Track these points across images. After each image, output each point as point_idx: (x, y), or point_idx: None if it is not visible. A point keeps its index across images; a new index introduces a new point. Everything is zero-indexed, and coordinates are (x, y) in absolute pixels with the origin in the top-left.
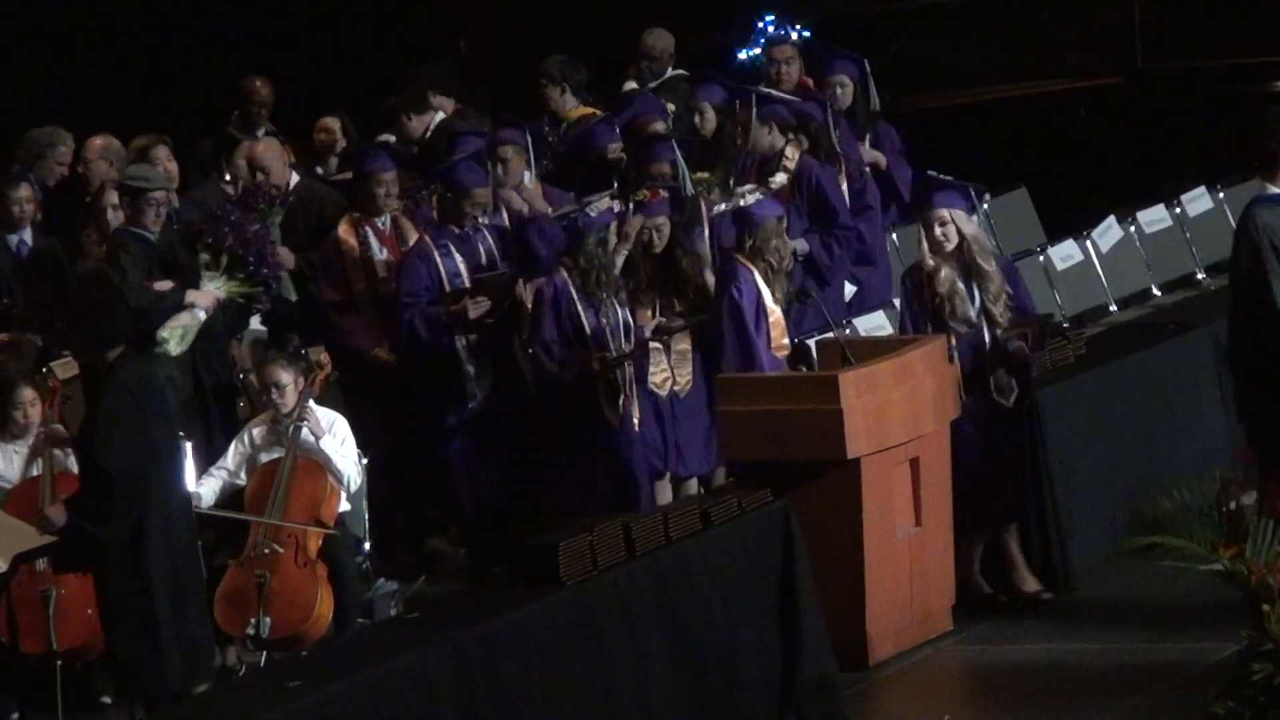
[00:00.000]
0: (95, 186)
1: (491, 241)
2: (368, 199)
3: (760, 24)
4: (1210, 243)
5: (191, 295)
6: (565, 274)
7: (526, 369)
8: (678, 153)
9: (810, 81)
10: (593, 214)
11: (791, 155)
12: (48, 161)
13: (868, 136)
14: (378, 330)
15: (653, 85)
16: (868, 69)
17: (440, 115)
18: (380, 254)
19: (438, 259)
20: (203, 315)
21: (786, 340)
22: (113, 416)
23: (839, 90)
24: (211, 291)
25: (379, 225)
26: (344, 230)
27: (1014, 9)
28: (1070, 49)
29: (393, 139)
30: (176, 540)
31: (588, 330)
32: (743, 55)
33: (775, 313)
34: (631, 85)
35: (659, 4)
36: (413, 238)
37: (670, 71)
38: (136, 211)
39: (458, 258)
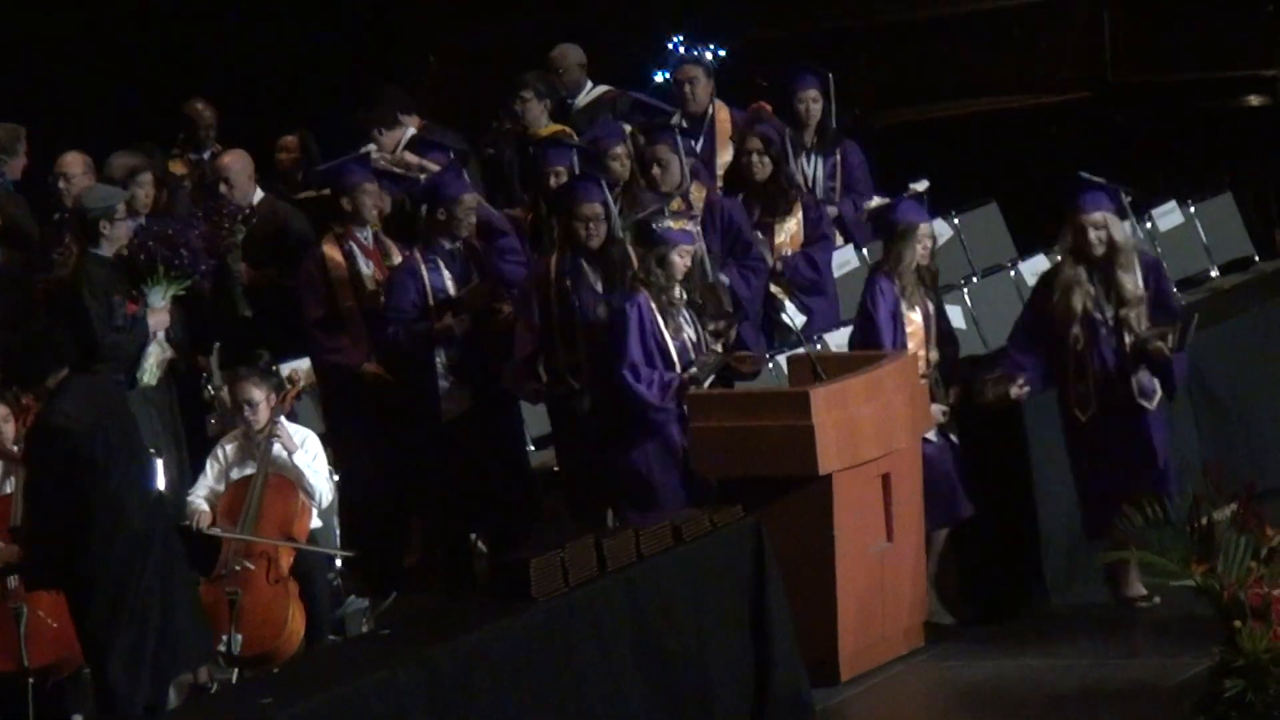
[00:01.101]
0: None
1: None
2: (354, 211)
3: (670, 45)
4: (1181, 257)
5: (150, 322)
6: (645, 293)
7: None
8: (607, 192)
9: (769, 106)
10: (656, 229)
11: (699, 194)
12: (17, 159)
13: (837, 153)
14: (365, 346)
15: (584, 103)
16: (830, 85)
17: (410, 131)
18: (367, 268)
19: (425, 274)
20: (163, 337)
21: (925, 351)
22: (32, 457)
23: (811, 105)
24: (161, 308)
25: (363, 239)
26: (328, 247)
27: (983, 24)
28: (1040, 63)
29: (374, 149)
30: (132, 551)
31: (672, 351)
32: (658, 78)
33: (914, 322)
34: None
35: (625, 20)
36: (394, 252)
37: (592, 86)
38: (96, 235)
39: (446, 274)
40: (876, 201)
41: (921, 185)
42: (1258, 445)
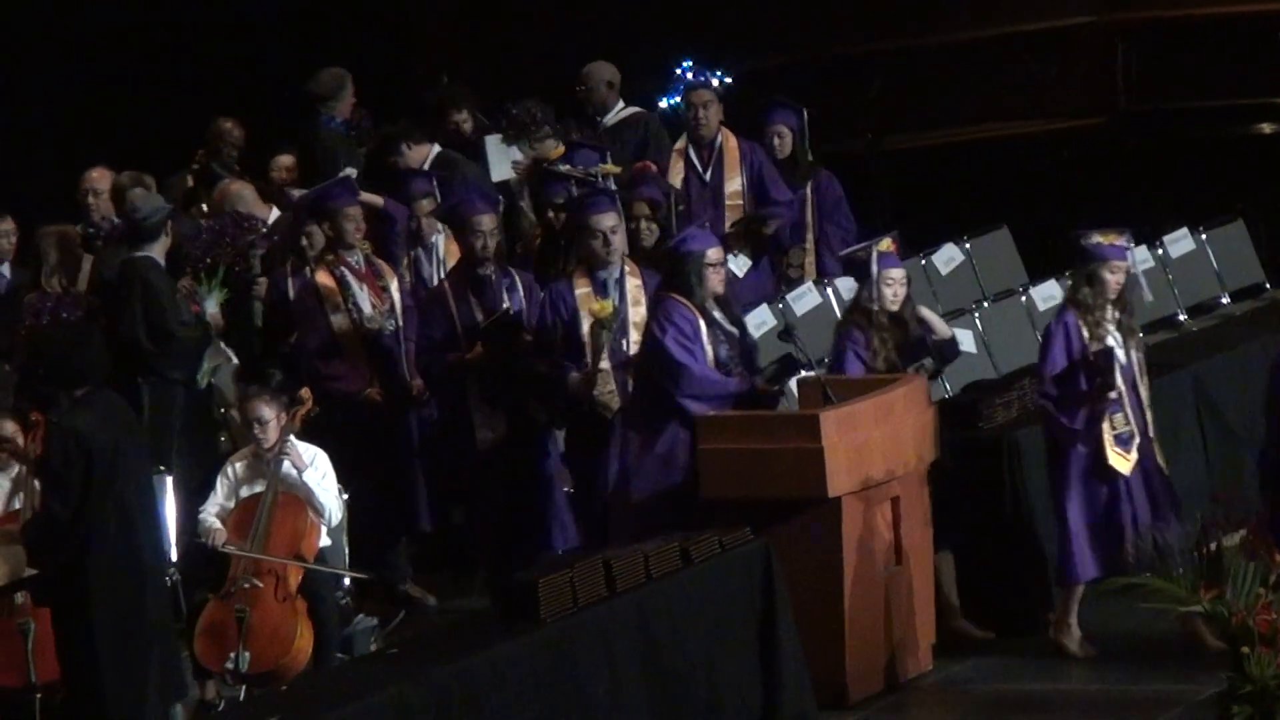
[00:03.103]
0: (102, 213)
1: (521, 290)
2: (336, 235)
3: (679, 71)
4: (1192, 284)
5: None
6: (1073, 311)
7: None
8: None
9: (654, 166)
10: (1086, 245)
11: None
12: (343, 101)
13: (808, 186)
14: (365, 371)
15: (611, 123)
16: (805, 119)
17: (437, 149)
18: (361, 292)
19: (452, 303)
20: (219, 341)
21: None
22: (50, 463)
23: (776, 140)
24: (215, 312)
25: (354, 264)
26: (321, 274)
27: (996, 50)
28: (1053, 89)
29: (354, 173)
30: (142, 574)
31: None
32: (663, 103)
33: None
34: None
35: (634, 45)
36: (388, 273)
37: (622, 106)
38: (147, 239)
39: (474, 302)
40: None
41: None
42: None
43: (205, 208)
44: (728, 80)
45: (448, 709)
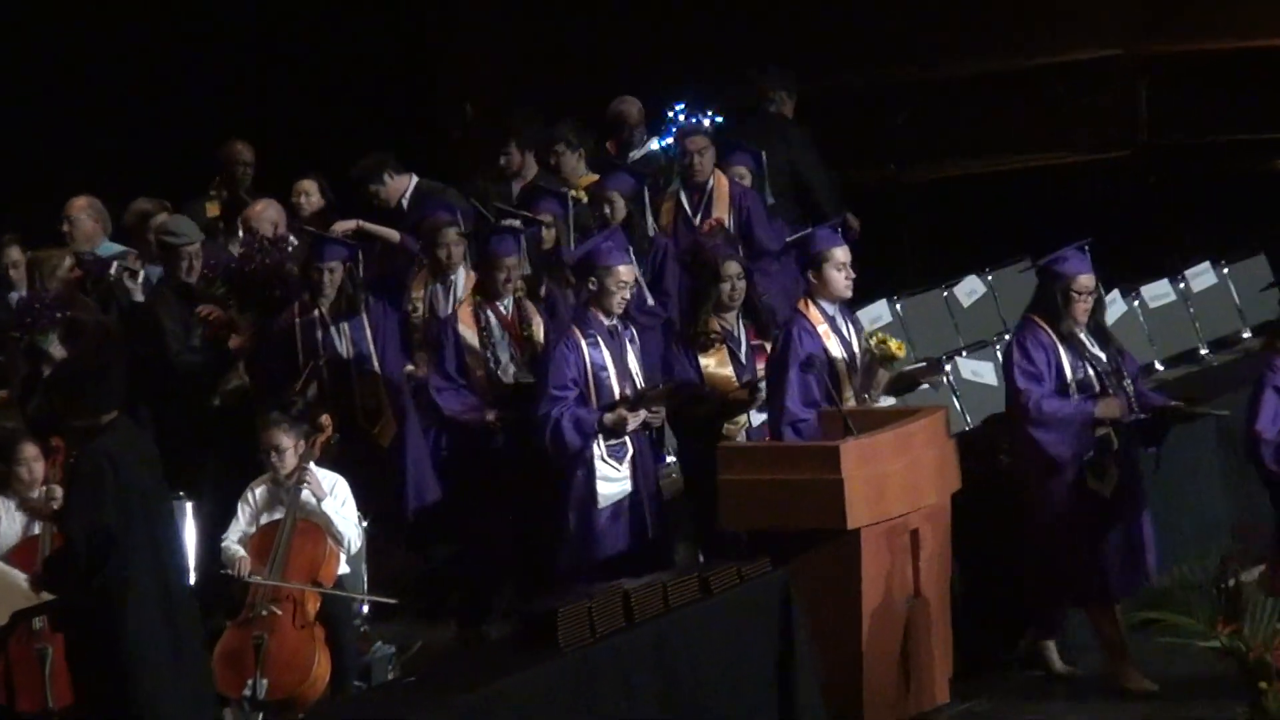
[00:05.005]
0: (78, 243)
1: (636, 338)
2: (490, 282)
3: (671, 113)
4: (1213, 318)
5: (232, 347)
6: None
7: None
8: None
9: (723, 219)
10: None
11: None
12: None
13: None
14: (488, 402)
15: (637, 156)
16: (764, 161)
17: (415, 180)
18: (502, 340)
19: (585, 350)
20: (238, 365)
21: None
22: (85, 484)
23: (737, 180)
24: (243, 334)
25: (501, 309)
26: (464, 315)
27: (1023, 82)
28: (1077, 122)
29: (520, 224)
30: (170, 602)
31: None
32: (654, 145)
33: None
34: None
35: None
36: (535, 321)
37: (646, 138)
38: (172, 265)
39: (605, 353)
40: None
41: None
42: None
43: (227, 230)
44: (719, 120)
45: None
